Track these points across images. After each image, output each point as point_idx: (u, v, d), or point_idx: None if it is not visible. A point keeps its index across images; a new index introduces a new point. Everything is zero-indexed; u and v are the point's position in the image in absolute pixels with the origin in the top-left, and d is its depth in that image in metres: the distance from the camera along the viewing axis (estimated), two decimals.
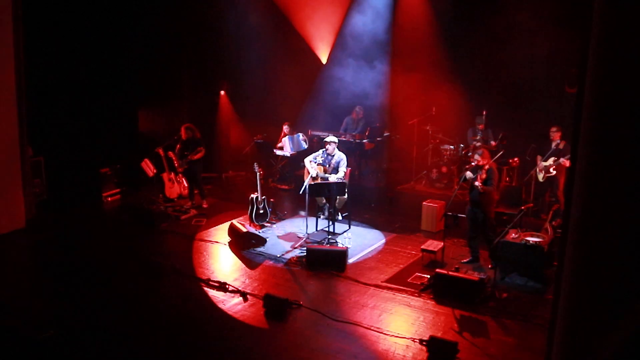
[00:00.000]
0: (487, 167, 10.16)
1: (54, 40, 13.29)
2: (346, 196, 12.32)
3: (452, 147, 14.01)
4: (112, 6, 14.11)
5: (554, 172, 12.23)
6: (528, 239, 9.95)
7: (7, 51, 11.66)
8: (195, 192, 13.96)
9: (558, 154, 12.19)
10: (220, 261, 10.96)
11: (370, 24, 15.70)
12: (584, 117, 5.81)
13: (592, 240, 5.84)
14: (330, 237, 11.70)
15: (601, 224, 5.71)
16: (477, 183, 10.07)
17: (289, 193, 15.20)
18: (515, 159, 13.28)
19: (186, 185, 14.15)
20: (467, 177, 10.26)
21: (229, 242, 11.70)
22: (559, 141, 12.26)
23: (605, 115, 5.53)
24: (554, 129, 12.37)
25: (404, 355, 7.70)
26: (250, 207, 12.52)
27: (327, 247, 11.20)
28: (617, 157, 5.45)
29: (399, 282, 9.89)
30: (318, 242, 11.57)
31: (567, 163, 11.71)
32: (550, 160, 12.24)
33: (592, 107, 5.66)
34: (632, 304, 5.12)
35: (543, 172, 12.37)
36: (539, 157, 12.54)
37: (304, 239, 11.82)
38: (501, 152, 11.29)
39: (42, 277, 10.45)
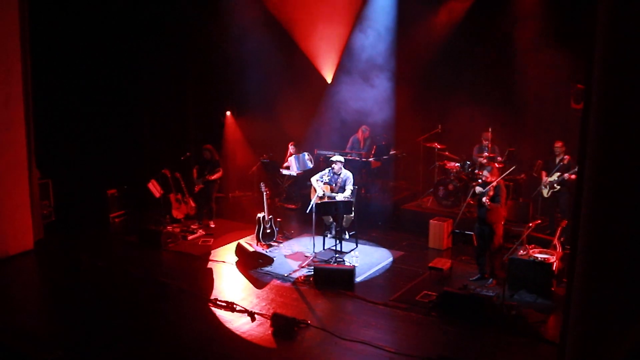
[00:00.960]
0: (494, 183, 10.14)
1: (61, 62, 13.39)
2: (353, 215, 12.32)
3: (458, 164, 14.00)
4: (119, 28, 14.21)
5: (559, 188, 12.17)
6: (536, 255, 9.91)
7: (16, 75, 11.75)
8: (204, 211, 13.96)
9: (563, 169, 12.14)
10: (228, 281, 10.94)
11: (374, 42, 15.75)
12: (590, 133, 5.81)
13: (601, 256, 5.81)
14: (337, 255, 11.68)
15: (610, 239, 5.68)
16: (484, 199, 10.05)
17: (295, 212, 15.20)
18: (522, 175, 13.25)
19: (193, 205, 14.17)
20: (477, 191, 10.24)
21: (236, 262, 11.68)
22: (563, 156, 12.21)
23: (612, 131, 5.53)
24: (558, 144, 12.31)
25: None
26: (257, 227, 12.52)
27: (335, 265, 11.18)
28: (625, 172, 5.44)
29: (407, 300, 9.84)
30: (325, 261, 11.54)
31: (573, 178, 11.69)
32: (555, 176, 12.19)
33: (598, 122, 5.65)
34: None
35: (548, 187, 12.32)
36: (544, 173, 12.48)
37: (311, 258, 11.80)
38: (513, 168, 11.26)
39: (50, 298, 10.47)
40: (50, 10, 13.08)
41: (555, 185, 12.17)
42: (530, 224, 10.60)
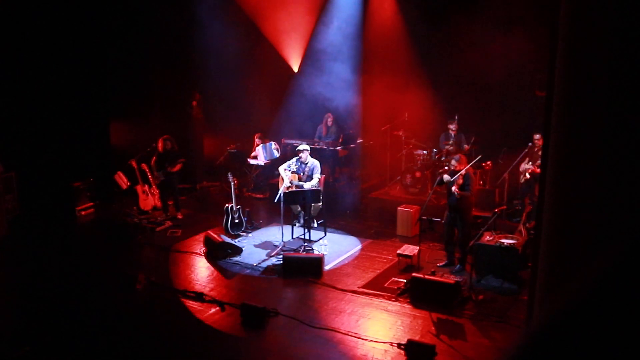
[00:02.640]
0: (463, 172, 10.24)
1: (21, 54, 13.19)
2: (321, 203, 12.36)
3: (425, 152, 14.08)
4: (82, 18, 14.03)
5: (529, 177, 12.24)
6: (502, 241, 10.04)
7: None
8: (170, 203, 13.87)
9: (531, 157, 12.20)
10: (197, 272, 10.92)
11: (340, 31, 15.77)
12: (553, 121, 5.90)
13: (565, 241, 5.91)
14: (306, 244, 11.71)
15: (573, 225, 5.78)
16: (453, 188, 10.14)
17: (263, 202, 15.19)
18: (488, 163, 13.38)
19: (158, 197, 14.08)
20: (445, 180, 10.32)
21: (204, 253, 11.65)
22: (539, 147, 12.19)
23: (574, 118, 5.62)
24: (537, 136, 12.25)
25: None
26: (225, 217, 12.49)
27: (303, 254, 11.22)
28: (587, 158, 5.54)
29: (376, 287, 9.92)
30: (294, 250, 11.57)
31: (537, 170, 11.80)
32: (529, 164, 12.27)
33: (560, 109, 5.74)
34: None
35: (523, 174, 12.41)
36: (525, 160, 12.48)
37: (280, 247, 11.82)
38: (479, 157, 11.36)
39: (16, 293, 10.34)
40: (10, 1, 12.88)
41: (526, 173, 12.25)
42: (496, 210, 10.73)
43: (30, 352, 7.78)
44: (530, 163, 12.19)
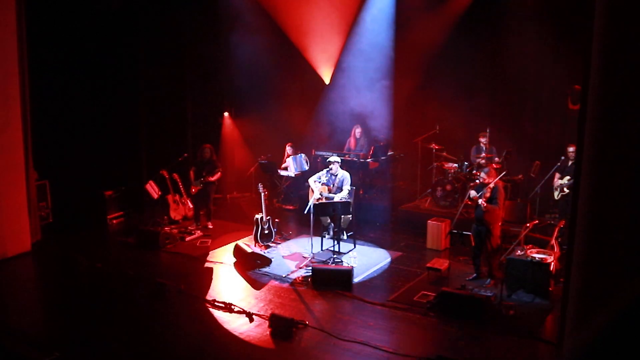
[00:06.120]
0: (492, 185, 10.14)
1: (58, 64, 13.38)
2: (351, 215, 12.32)
3: (456, 165, 14.00)
4: (116, 29, 14.22)
5: (567, 191, 12.04)
6: (534, 255, 9.91)
7: (13, 77, 11.74)
8: (201, 212, 13.93)
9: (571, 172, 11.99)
10: (226, 282, 10.93)
11: (372, 43, 15.77)
12: (587, 134, 5.82)
13: (598, 257, 5.81)
14: (335, 256, 11.67)
15: (606, 240, 5.69)
16: (481, 201, 10.05)
17: (293, 213, 15.21)
18: (520, 176, 13.24)
19: (191, 206, 14.15)
20: (471, 195, 10.24)
21: (234, 263, 11.69)
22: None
23: (608, 132, 5.53)
24: (571, 148, 12.15)
25: None
26: (255, 228, 12.50)
27: (333, 266, 11.17)
28: (621, 172, 5.45)
29: (405, 300, 9.84)
30: (323, 262, 11.53)
31: None
32: (566, 179, 12.11)
33: (594, 123, 5.66)
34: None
35: (559, 190, 12.26)
36: (556, 175, 12.36)
37: (309, 258, 11.80)
38: (504, 173, 11.24)
39: (47, 300, 10.46)
40: (48, 12, 13.07)
41: (565, 188, 12.09)
42: (528, 224, 10.59)
43: (59, 358, 7.84)
44: (566, 179, 12.01)
